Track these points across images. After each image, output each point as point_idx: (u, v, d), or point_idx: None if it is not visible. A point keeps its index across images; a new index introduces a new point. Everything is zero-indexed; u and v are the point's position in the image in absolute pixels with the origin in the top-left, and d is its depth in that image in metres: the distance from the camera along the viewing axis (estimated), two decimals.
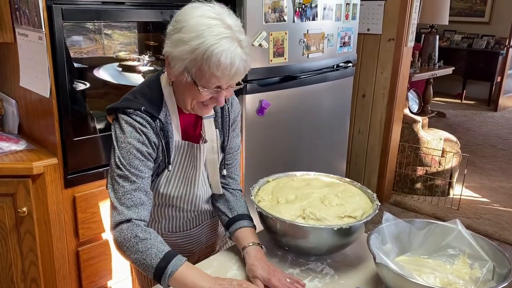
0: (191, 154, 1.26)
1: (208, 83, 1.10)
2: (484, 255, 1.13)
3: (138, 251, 1.08)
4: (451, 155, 3.77)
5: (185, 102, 1.18)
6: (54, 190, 1.77)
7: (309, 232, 1.20)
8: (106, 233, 1.95)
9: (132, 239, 1.09)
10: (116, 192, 1.13)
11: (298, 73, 2.45)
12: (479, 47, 7.14)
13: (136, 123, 1.15)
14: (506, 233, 3.30)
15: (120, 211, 1.11)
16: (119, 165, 1.13)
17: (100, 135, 1.85)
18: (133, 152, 1.14)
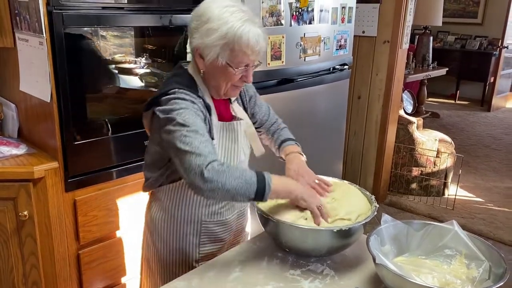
0: (229, 130, 1.39)
1: (240, 63, 1.26)
2: (480, 255, 1.16)
3: (236, 177, 1.17)
4: (446, 155, 3.81)
5: (219, 87, 1.32)
6: (55, 193, 1.78)
7: (309, 234, 1.22)
8: (107, 235, 1.96)
9: (227, 170, 1.17)
10: (191, 144, 1.17)
11: (295, 76, 2.48)
12: (472, 48, 7.22)
13: (185, 95, 1.25)
14: (500, 233, 3.34)
15: (204, 155, 1.16)
16: (185, 123, 1.19)
17: (100, 139, 1.86)
18: (193, 114, 1.22)
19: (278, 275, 1.24)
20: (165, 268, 1.43)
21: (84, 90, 1.81)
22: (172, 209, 1.39)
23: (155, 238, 1.43)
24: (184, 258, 1.41)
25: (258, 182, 1.19)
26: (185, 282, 1.20)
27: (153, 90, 2.18)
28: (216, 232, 1.43)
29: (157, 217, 1.42)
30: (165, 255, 1.42)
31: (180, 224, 1.39)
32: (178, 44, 2.09)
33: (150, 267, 1.48)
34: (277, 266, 1.28)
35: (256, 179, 1.19)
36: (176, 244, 1.40)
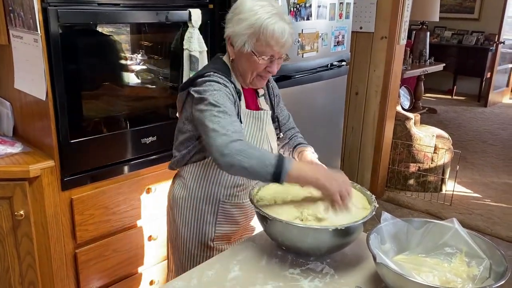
0: (256, 118, 1.49)
1: (264, 52, 1.35)
2: (481, 253, 1.16)
3: (256, 157, 1.23)
4: (443, 151, 3.81)
5: (245, 75, 1.42)
6: (51, 192, 1.76)
7: (308, 233, 1.21)
8: (104, 233, 1.95)
9: (248, 149, 1.23)
10: (219, 123, 1.27)
11: (293, 72, 2.46)
12: (469, 44, 7.22)
13: (219, 78, 1.36)
14: (498, 228, 3.35)
15: (229, 134, 1.25)
16: (217, 104, 1.30)
17: (96, 137, 1.84)
18: (224, 96, 1.32)
19: (277, 274, 1.23)
20: (184, 244, 1.52)
21: (80, 87, 1.79)
22: (193, 187, 1.48)
23: (176, 215, 1.53)
24: (200, 236, 1.49)
25: (276, 165, 1.22)
26: (184, 282, 1.19)
27: (149, 87, 2.16)
28: (232, 213, 1.51)
29: (179, 194, 1.52)
30: (184, 231, 1.51)
31: (199, 202, 1.48)
32: (175, 41, 2.07)
33: (172, 244, 1.59)
34: (276, 265, 1.27)
35: (275, 162, 1.23)
36: (194, 221, 1.49)
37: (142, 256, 2.11)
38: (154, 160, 2.03)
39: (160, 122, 2.03)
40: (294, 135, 1.69)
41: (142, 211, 2.05)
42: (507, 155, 4.96)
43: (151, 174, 2.04)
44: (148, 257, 2.13)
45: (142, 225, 2.08)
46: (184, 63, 2.01)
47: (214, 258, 1.31)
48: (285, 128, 1.68)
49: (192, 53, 1.97)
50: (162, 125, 2.02)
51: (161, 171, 2.05)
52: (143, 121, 2.01)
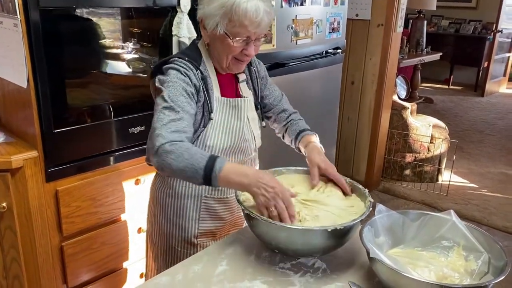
0: (233, 107, 1.39)
1: (238, 33, 1.26)
2: (479, 247, 1.11)
3: (185, 159, 1.14)
4: (440, 141, 3.77)
5: (221, 59, 1.34)
6: (35, 184, 1.70)
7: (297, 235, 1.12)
8: (91, 225, 1.89)
9: (176, 150, 1.15)
10: (161, 121, 1.20)
11: (287, 60, 2.40)
12: (466, 33, 7.14)
13: (180, 67, 1.29)
14: (494, 218, 3.32)
15: (164, 135, 1.17)
16: (166, 99, 1.23)
17: (81, 126, 1.78)
18: (178, 89, 1.25)
19: (267, 269, 1.17)
20: (166, 242, 1.46)
21: (64, 75, 1.72)
22: (173, 183, 1.42)
23: (157, 210, 1.46)
24: (183, 233, 1.43)
25: (205, 168, 1.14)
26: (169, 277, 1.13)
27: (137, 75, 2.09)
28: (216, 209, 1.44)
29: (160, 190, 1.46)
30: (166, 228, 1.45)
31: (181, 198, 1.41)
32: (163, 27, 2.00)
33: (152, 241, 1.52)
34: (266, 260, 1.21)
35: (204, 164, 1.14)
36: (176, 217, 1.42)
37: (131, 248, 2.06)
38: (143, 151, 1.95)
39: (149, 111, 1.94)
40: (290, 119, 1.56)
41: (131, 203, 2.00)
42: (504, 145, 4.92)
43: (139, 165, 1.98)
44: (138, 249, 2.08)
45: (131, 217, 2.02)
46: (173, 50, 1.94)
47: (201, 252, 1.26)
48: (277, 110, 1.57)
49: (181, 39, 1.91)
50: (151, 114, 1.91)
51: None
52: (130, 110, 1.94)
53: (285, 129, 1.57)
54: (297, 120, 1.57)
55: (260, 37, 1.31)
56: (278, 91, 1.60)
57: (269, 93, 1.56)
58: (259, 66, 1.54)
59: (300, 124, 1.55)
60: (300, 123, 1.56)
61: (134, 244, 2.07)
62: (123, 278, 2.08)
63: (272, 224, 1.11)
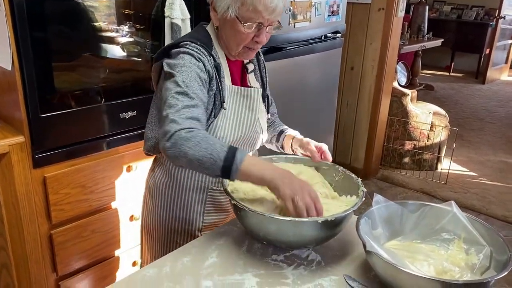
0: (245, 96, 1.31)
1: (250, 18, 1.18)
2: (481, 240, 1.06)
3: (203, 148, 1.07)
4: (440, 129, 3.71)
5: (230, 45, 1.26)
6: (22, 170, 1.64)
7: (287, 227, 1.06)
8: (81, 213, 1.85)
9: (193, 138, 1.07)
10: (174, 106, 1.13)
11: (284, 44, 2.32)
12: (468, 19, 7.03)
13: (194, 52, 1.20)
14: (493, 207, 3.28)
15: (178, 121, 1.10)
16: (179, 83, 1.15)
17: (70, 111, 1.71)
18: (193, 75, 1.17)
19: (259, 261, 1.13)
20: (167, 235, 1.38)
21: (51, 57, 1.64)
22: (177, 175, 1.34)
23: (157, 203, 1.38)
24: (187, 226, 1.36)
25: (225, 159, 1.06)
26: (156, 269, 1.08)
27: (128, 58, 2.02)
28: (221, 201, 1.37)
29: (161, 182, 1.37)
30: (167, 222, 1.37)
31: (185, 191, 1.34)
32: (155, 8, 1.92)
33: (150, 234, 1.44)
34: (258, 251, 1.16)
35: (224, 155, 1.07)
36: (179, 211, 1.35)
37: (123, 236, 2.02)
38: (135, 137, 1.91)
39: (141, 95, 1.90)
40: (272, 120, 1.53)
41: (123, 190, 1.94)
42: (504, 133, 4.87)
43: (131, 151, 1.92)
44: (129, 237, 2.04)
45: (123, 204, 1.97)
46: (165, 32, 1.87)
47: (190, 243, 1.20)
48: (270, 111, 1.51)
49: (174, 21, 1.83)
50: (143, 99, 1.88)
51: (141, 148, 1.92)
52: (122, 94, 1.87)
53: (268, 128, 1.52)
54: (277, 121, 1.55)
55: (273, 24, 1.23)
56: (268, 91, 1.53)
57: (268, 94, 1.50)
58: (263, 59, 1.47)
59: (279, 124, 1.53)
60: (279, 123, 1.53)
61: (126, 232, 2.02)
62: (114, 266, 2.04)
63: (260, 215, 1.06)
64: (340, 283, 1.05)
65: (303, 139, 1.39)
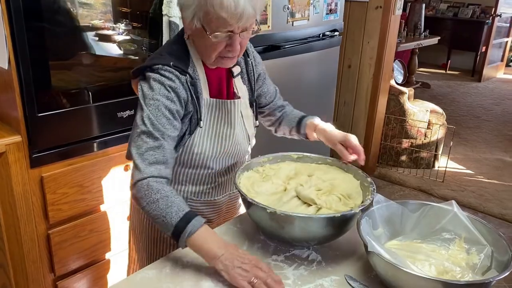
0: (223, 110, 1.26)
1: (218, 27, 1.09)
2: (481, 239, 1.06)
3: (158, 208, 1.06)
4: (437, 127, 3.71)
5: (204, 56, 1.19)
6: (19, 170, 1.63)
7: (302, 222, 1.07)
8: (79, 213, 1.83)
9: (152, 195, 1.07)
10: (139, 148, 1.11)
11: (282, 42, 2.32)
12: (464, 16, 7.04)
13: (165, 79, 1.14)
14: (490, 205, 3.29)
15: (141, 168, 1.09)
16: (145, 121, 1.12)
17: (67, 110, 1.70)
18: (161, 109, 1.12)
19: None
20: (149, 239, 1.37)
21: (47, 56, 1.63)
22: None
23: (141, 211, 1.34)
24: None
25: (176, 227, 1.04)
26: (156, 270, 1.08)
27: (127, 57, 2.01)
28: (202, 211, 1.35)
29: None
30: (153, 229, 1.35)
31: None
32: (153, 6, 1.91)
33: (135, 235, 1.43)
34: (258, 251, 1.16)
35: (176, 222, 1.04)
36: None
37: (121, 236, 2.01)
38: None
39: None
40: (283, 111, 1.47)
41: (120, 190, 1.93)
42: (501, 131, 4.88)
43: None
44: (127, 237, 2.01)
45: (120, 204, 1.96)
46: (163, 30, 1.85)
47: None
48: (272, 106, 1.46)
49: (172, 19, 1.82)
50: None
51: None
52: (119, 93, 1.86)
53: (280, 121, 1.48)
54: (288, 110, 1.49)
55: (247, 30, 1.12)
56: (272, 85, 1.47)
57: (266, 90, 1.43)
58: (257, 59, 1.39)
59: (295, 112, 1.47)
60: (295, 112, 1.47)
61: (124, 231, 2.01)
62: (113, 266, 2.03)
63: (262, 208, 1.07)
64: (340, 283, 1.05)
65: (326, 132, 1.34)
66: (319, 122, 1.39)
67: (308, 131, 1.39)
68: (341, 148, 1.30)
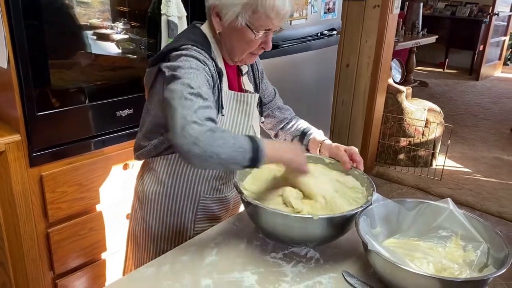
0: (241, 103, 1.29)
1: (261, 26, 1.15)
2: (478, 236, 1.07)
3: (231, 144, 1.03)
4: (435, 125, 3.73)
5: (234, 52, 1.22)
6: (18, 169, 1.64)
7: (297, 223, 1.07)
8: (78, 211, 1.84)
9: (219, 138, 1.02)
10: (189, 108, 1.03)
11: (280, 41, 2.32)
12: (462, 15, 7.06)
13: (197, 54, 1.15)
14: (487, 203, 3.30)
15: (200, 123, 1.01)
16: (190, 85, 1.07)
17: (66, 109, 1.70)
18: (201, 78, 1.11)
19: (258, 258, 1.13)
20: (155, 244, 1.34)
21: (46, 55, 1.63)
22: (168, 183, 1.30)
23: (145, 212, 1.34)
24: (177, 234, 1.34)
25: (253, 150, 1.05)
26: (155, 268, 1.09)
27: (125, 56, 2.01)
28: (213, 209, 1.36)
29: (151, 189, 1.32)
30: (157, 230, 1.33)
31: (177, 199, 1.31)
32: (152, 5, 1.91)
33: (137, 243, 1.39)
34: (257, 249, 1.17)
35: (250, 146, 1.05)
36: (170, 219, 1.32)
37: (120, 234, 2.01)
38: (131, 135, 1.90)
39: (137, 93, 1.89)
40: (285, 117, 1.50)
41: (119, 188, 1.94)
42: (498, 129, 4.90)
43: (128, 149, 1.92)
44: (126, 236, 2.03)
45: (120, 203, 1.97)
46: (162, 30, 1.86)
47: (189, 241, 1.20)
48: (271, 105, 1.49)
49: (170, 19, 1.82)
50: (139, 97, 1.87)
51: None
52: (118, 92, 1.87)
53: (281, 126, 1.51)
54: (292, 117, 1.52)
55: (278, 28, 1.21)
56: (271, 86, 1.52)
57: (265, 88, 1.48)
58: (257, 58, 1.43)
59: (300, 122, 1.50)
60: (300, 121, 1.50)
61: (123, 230, 2.01)
62: (112, 265, 2.04)
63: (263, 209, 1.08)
64: (338, 280, 1.06)
65: (332, 146, 1.36)
66: (322, 138, 1.42)
67: (312, 145, 1.42)
68: (343, 154, 1.31)
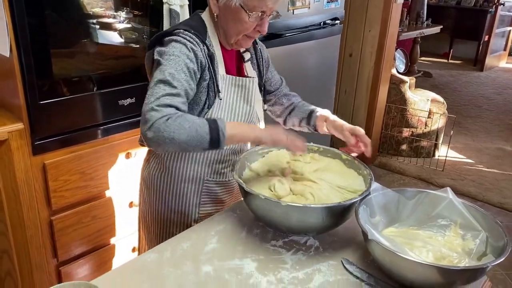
0: (240, 87, 1.31)
1: (255, 7, 1.18)
2: (476, 225, 1.07)
3: (186, 128, 1.06)
4: (438, 116, 3.72)
5: (229, 34, 1.25)
6: (21, 157, 1.65)
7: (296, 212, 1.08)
8: (81, 199, 1.86)
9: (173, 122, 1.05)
10: (154, 95, 1.09)
11: (283, 30, 2.32)
12: (468, 5, 6.98)
13: (186, 41, 1.18)
14: (490, 194, 3.31)
15: (157, 110, 1.06)
16: (164, 72, 1.12)
17: (69, 98, 1.71)
18: (180, 64, 1.14)
19: (258, 246, 1.14)
20: (162, 226, 1.38)
21: (48, 44, 1.64)
22: (172, 167, 1.32)
23: (152, 195, 1.38)
24: (182, 217, 1.36)
25: (210, 131, 1.09)
26: (157, 255, 1.10)
27: (127, 45, 2.01)
28: (217, 192, 1.37)
29: (156, 173, 1.36)
30: (163, 213, 1.37)
31: (181, 182, 1.33)
32: None
33: (146, 225, 1.44)
34: (257, 237, 1.18)
35: (208, 128, 1.09)
36: (175, 202, 1.35)
37: (123, 222, 2.03)
38: (133, 124, 1.91)
39: (139, 82, 1.89)
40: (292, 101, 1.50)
41: (122, 177, 1.95)
42: (502, 120, 4.88)
43: (130, 138, 1.93)
44: (129, 223, 2.05)
45: (122, 191, 1.98)
46: (164, 19, 1.86)
47: (190, 229, 1.22)
48: (278, 93, 1.50)
49: (172, 7, 1.82)
50: (141, 86, 1.88)
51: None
52: (120, 81, 1.87)
53: (289, 111, 1.51)
54: (300, 102, 1.52)
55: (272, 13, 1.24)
56: (277, 75, 1.53)
57: (271, 77, 1.49)
58: (263, 46, 1.46)
59: (307, 105, 1.50)
60: (306, 104, 1.51)
61: (125, 218, 2.03)
62: (114, 252, 2.06)
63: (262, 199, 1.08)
64: (338, 268, 1.07)
65: (336, 123, 1.37)
66: (329, 114, 1.42)
67: (319, 122, 1.42)
68: (348, 134, 1.31)
